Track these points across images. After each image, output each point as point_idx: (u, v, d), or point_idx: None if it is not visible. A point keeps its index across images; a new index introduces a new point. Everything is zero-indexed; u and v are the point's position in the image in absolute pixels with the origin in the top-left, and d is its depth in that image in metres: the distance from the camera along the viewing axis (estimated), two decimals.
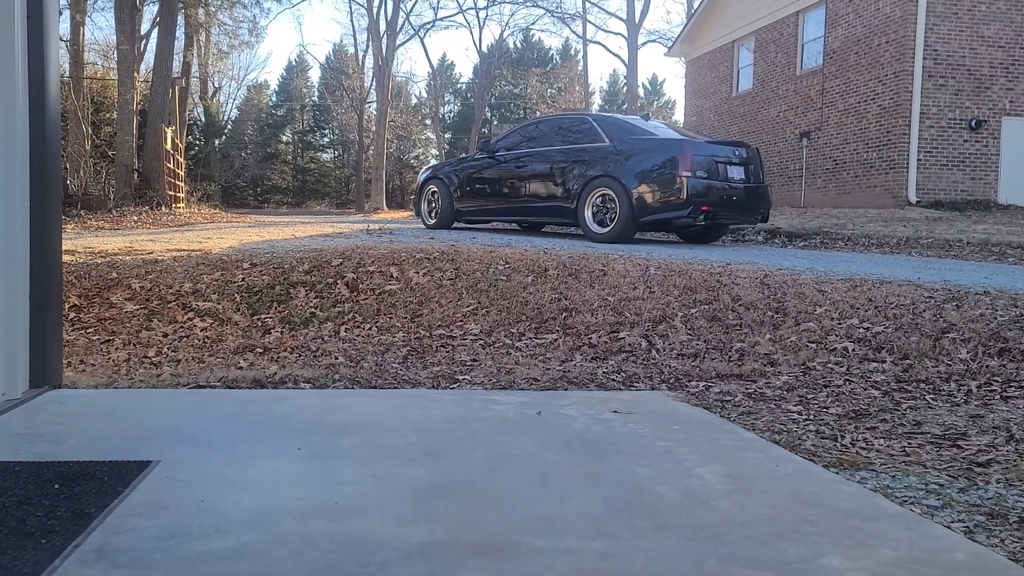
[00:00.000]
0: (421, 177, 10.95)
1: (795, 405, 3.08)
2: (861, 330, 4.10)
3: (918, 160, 13.17)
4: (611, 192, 8.03)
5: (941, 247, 8.53)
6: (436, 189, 10.02)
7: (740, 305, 4.55)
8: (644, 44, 45.51)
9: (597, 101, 49.08)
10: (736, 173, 8.18)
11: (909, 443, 2.61)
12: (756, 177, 8.45)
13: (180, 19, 20.62)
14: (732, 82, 19.00)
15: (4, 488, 1.70)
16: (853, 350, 3.85)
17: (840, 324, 4.20)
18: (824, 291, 4.81)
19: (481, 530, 1.59)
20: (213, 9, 24.70)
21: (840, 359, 3.75)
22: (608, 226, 8.05)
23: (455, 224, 9.89)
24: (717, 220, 8.26)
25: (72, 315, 4.70)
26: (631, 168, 7.97)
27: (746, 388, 3.33)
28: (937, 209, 12.54)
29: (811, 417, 2.91)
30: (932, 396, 3.24)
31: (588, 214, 8.22)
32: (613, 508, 1.74)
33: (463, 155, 10.37)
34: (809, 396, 3.22)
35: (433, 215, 10.03)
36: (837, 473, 2.22)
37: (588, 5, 36.74)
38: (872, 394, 3.26)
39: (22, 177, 2.64)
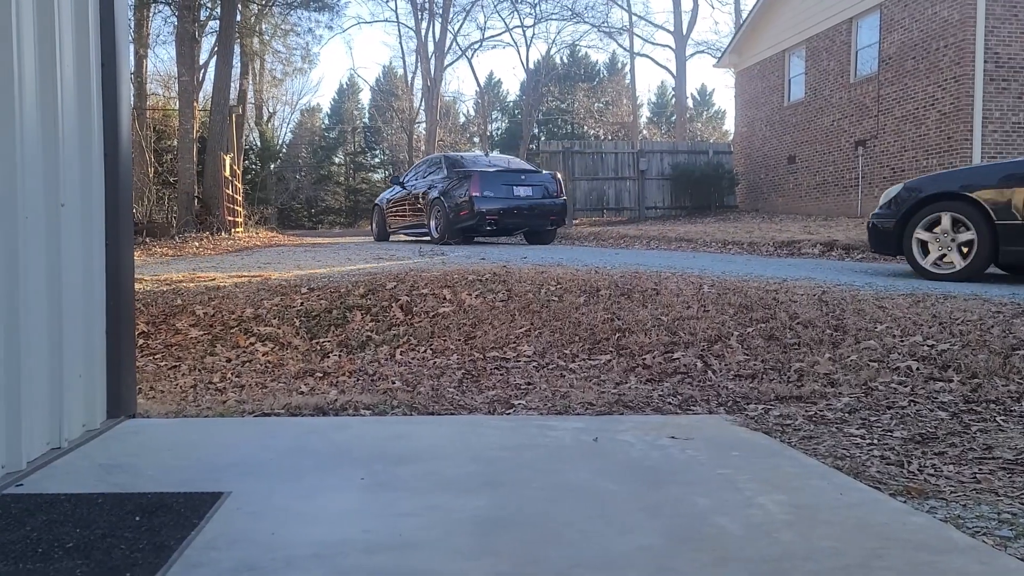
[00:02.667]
0: (375, 203, 15.07)
1: (858, 428, 3.02)
2: (925, 348, 3.99)
3: None
4: (440, 209, 11.45)
5: None
6: (377, 212, 14.28)
7: (798, 323, 4.48)
8: (692, 55, 45.23)
9: (645, 113, 48.86)
10: (524, 192, 11.30)
11: (980, 469, 2.53)
12: (549, 194, 11.51)
13: (236, 48, 21.31)
14: (783, 92, 18.71)
15: (90, 520, 1.79)
16: (917, 369, 3.75)
17: (903, 342, 4.10)
18: (885, 307, 4.70)
19: (542, 565, 1.61)
20: (267, 38, 25.48)
21: (904, 379, 3.66)
22: (439, 232, 11.47)
23: (391, 238, 13.79)
24: (503, 226, 11.26)
25: (141, 342, 4.88)
26: (449, 192, 11.42)
27: (806, 411, 3.28)
28: None
29: (875, 441, 2.85)
30: (1003, 417, 3.14)
31: (433, 225, 11.75)
32: (674, 541, 1.74)
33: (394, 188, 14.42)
34: (872, 419, 3.15)
35: (377, 232, 14.27)
36: (905, 502, 2.17)
37: (635, 18, 36.77)
38: (939, 416, 3.17)
39: (98, 215, 2.78)
